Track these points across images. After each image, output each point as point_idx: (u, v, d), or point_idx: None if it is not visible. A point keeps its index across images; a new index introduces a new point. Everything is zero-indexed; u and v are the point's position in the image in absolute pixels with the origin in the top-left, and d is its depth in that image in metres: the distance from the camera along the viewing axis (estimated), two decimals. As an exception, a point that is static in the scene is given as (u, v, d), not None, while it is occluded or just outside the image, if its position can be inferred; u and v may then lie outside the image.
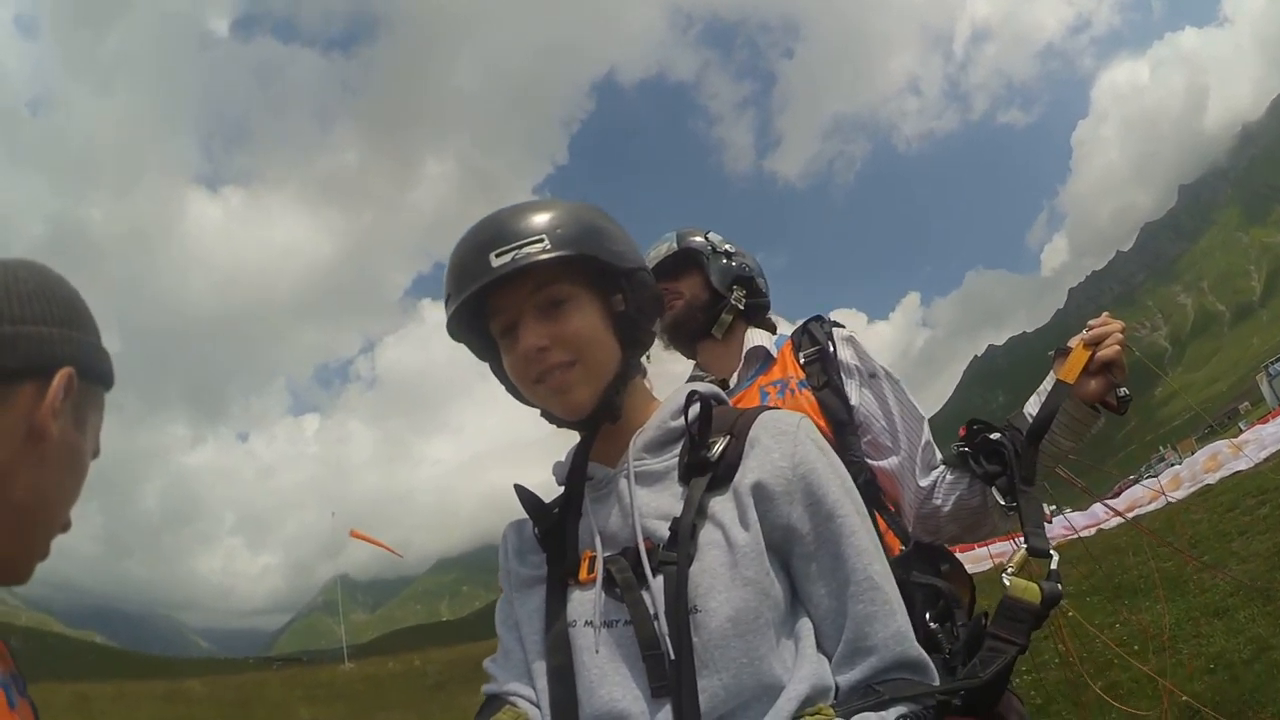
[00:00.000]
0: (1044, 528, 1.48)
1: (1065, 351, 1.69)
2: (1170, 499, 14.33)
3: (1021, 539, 2.13)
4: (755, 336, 2.15)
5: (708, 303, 2.15)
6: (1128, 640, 5.90)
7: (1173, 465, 24.51)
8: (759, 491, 1.16)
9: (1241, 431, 23.04)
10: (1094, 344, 1.65)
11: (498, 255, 1.15)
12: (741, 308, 2.16)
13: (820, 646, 1.16)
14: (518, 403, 1.33)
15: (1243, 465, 15.89)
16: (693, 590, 1.10)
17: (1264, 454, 15.78)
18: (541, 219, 1.19)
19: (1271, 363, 46.51)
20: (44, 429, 0.90)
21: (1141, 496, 14.48)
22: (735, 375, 2.12)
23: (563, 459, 1.36)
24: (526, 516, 1.33)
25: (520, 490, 1.32)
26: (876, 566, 1.16)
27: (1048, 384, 1.73)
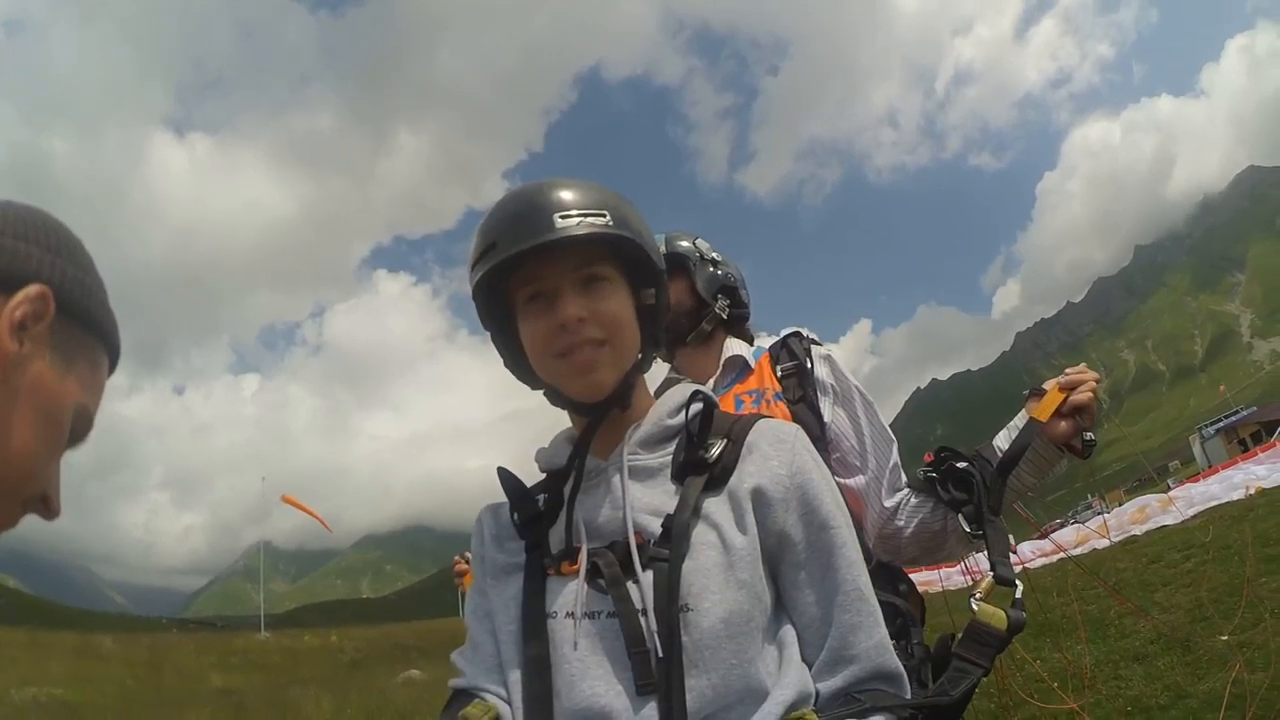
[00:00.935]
0: (1009, 557, 1.50)
1: (1040, 392, 1.74)
2: (1104, 543, 14.67)
3: (965, 566, 2.20)
4: (734, 345, 2.15)
5: (692, 309, 2.14)
6: (1049, 676, 6.02)
7: (1100, 514, 25.07)
8: (758, 497, 1.16)
9: (1170, 488, 23.64)
10: (1069, 388, 1.70)
11: (563, 217, 1.13)
12: (725, 317, 2.17)
13: (801, 653, 1.16)
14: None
15: (1170, 520, 16.34)
16: (685, 588, 1.09)
17: (1192, 511, 16.23)
18: (602, 196, 1.18)
19: (1205, 425, 47.88)
20: None
21: (1068, 540, 14.78)
22: (712, 381, 2.11)
23: (546, 446, 1.34)
24: (502, 501, 1.31)
25: (503, 473, 1.29)
26: (863, 579, 1.18)
27: (1019, 420, 1.77)
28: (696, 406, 1.25)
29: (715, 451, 1.19)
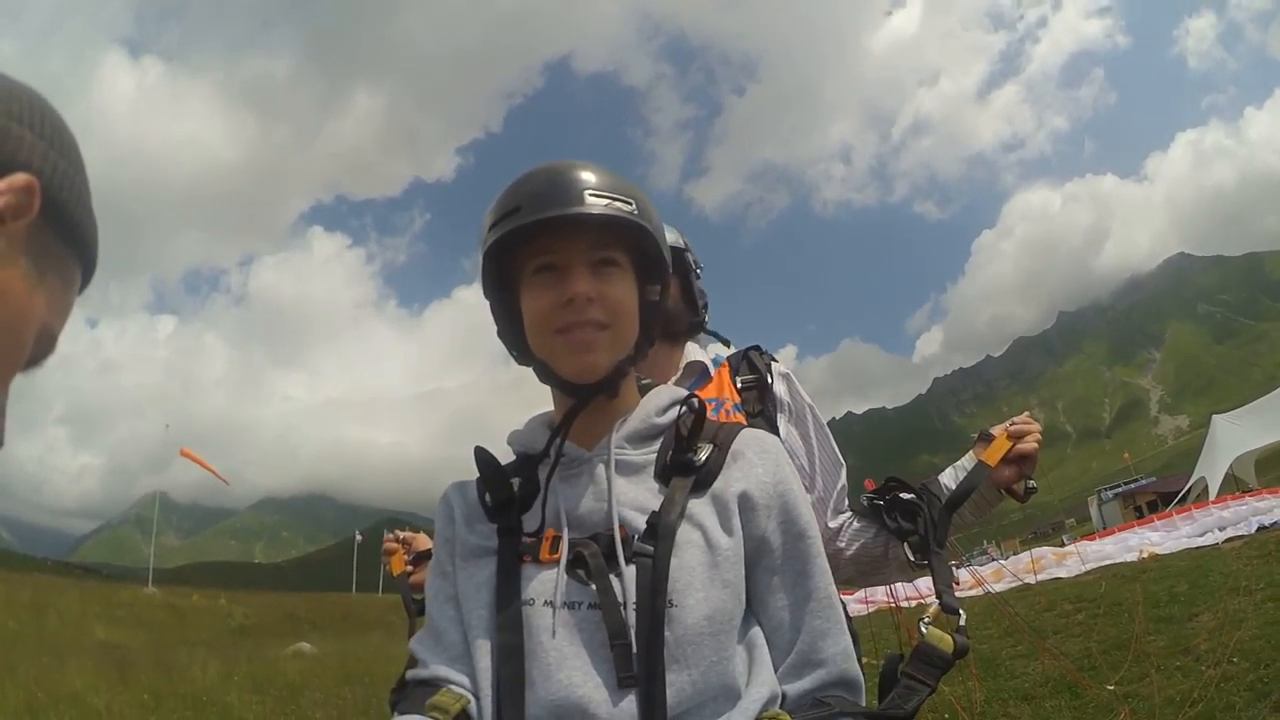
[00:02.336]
0: (953, 587, 1.55)
1: (988, 438, 1.85)
2: (997, 587, 15.06)
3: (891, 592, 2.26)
4: (694, 350, 2.16)
5: (681, 310, 2.12)
6: (939, 708, 6.20)
7: (994, 560, 25.74)
8: (745, 501, 1.19)
9: (1065, 543, 24.40)
10: (1016, 437, 1.81)
11: (593, 195, 1.15)
12: (703, 322, 2.17)
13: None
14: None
15: (1063, 573, 16.88)
16: (670, 584, 1.10)
17: (1085, 567, 16.77)
18: (630, 186, 1.21)
19: (1105, 488, 49.58)
20: None
21: (964, 582, 15.13)
22: (671, 384, 2.00)
23: (521, 428, 1.35)
24: (469, 479, 1.31)
25: (480, 452, 1.28)
26: (833, 587, 1.23)
27: (967, 462, 1.87)
28: (684, 410, 1.27)
29: (703, 455, 1.22)
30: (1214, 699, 5.44)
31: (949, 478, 1.87)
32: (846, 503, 2.00)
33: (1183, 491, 33.16)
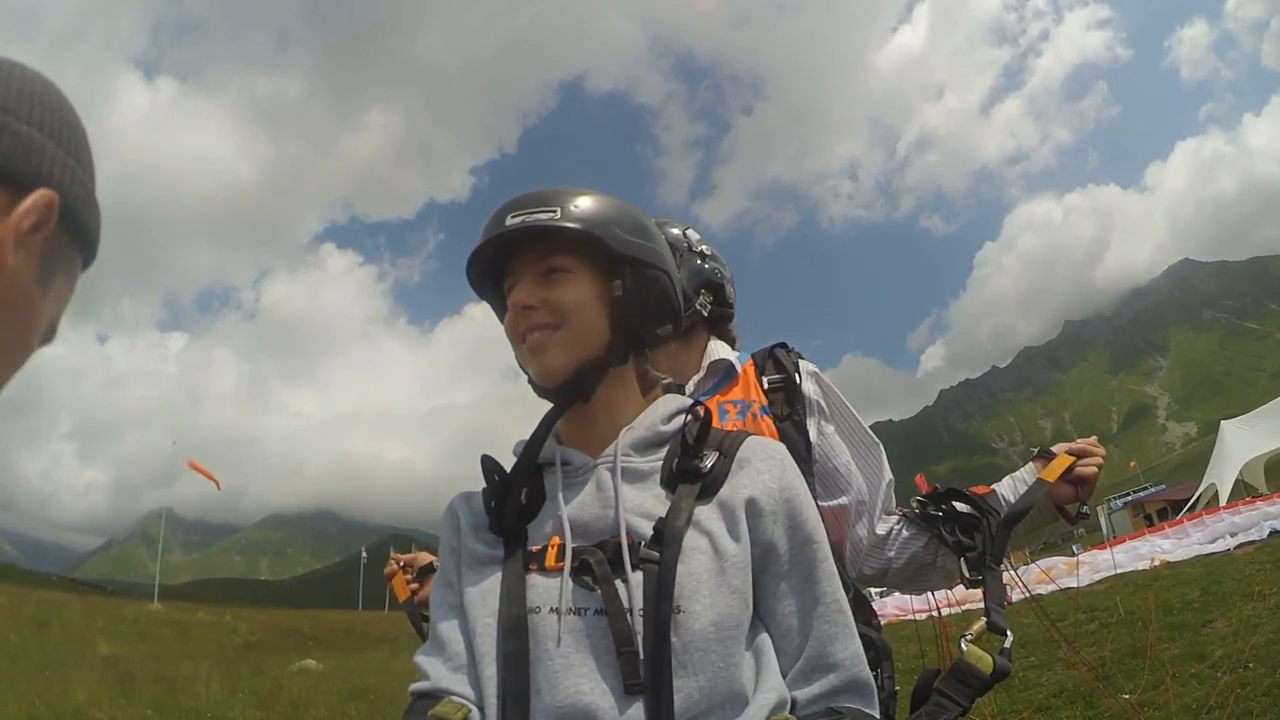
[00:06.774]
0: (1004, 606, 1.52)
1: (1048, 455, 1.83)
2: (1036, 592, 14.97)
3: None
4: (718, 348, 2.06)
5: None
6: None
7: (1005, 571, 25.53)
8: (751, 507, 1.19)
9: (1076, 553, 24.29)
10: (1077, 455, 1.79)
11: (512, 217, 1.23)
12: (705, 314, 2.06)
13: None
14: (384, 378, 1.34)
15: (1074, 583, 16.79)
16: (677, 590, 1.10)
17: (1096, 576, 16.72)
18: (563, 196, 1.25)
19: (1114, 497, 49.48)
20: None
21: (970, 593, 15.07)
22: (693, 383, 2.01)
23: (526, 438, 1.34)
24: (475, 490, 1.32)
25: (487, 461, 1.29)
26: (841, 592, 1.22)
27: (1026, 474, 1.84)
28: (690, 418, 1.29)
29: (709, 463, 1.22)
30: (1231, 705, 5.40)
31: (1008, 489, 1.84)
32: (893, 501, 1.94)
33: (1193, 498, 33.03)
